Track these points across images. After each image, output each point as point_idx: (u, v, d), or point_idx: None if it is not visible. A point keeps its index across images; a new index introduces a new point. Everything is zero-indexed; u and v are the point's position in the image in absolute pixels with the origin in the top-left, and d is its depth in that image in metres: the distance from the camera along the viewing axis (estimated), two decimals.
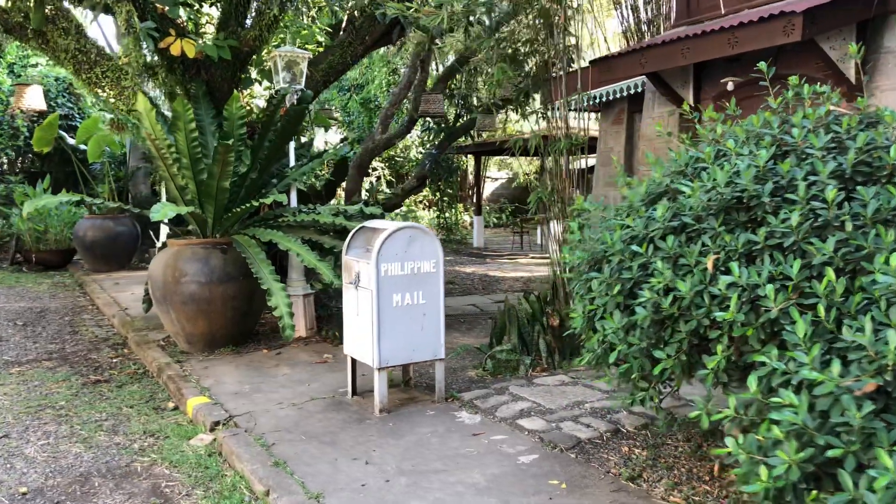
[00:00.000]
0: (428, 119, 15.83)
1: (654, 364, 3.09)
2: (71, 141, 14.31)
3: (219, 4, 7.93)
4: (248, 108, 7.07)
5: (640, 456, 4.17)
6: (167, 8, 7.15)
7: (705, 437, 4.30)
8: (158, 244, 14.13)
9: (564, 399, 5.21)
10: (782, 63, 5.65)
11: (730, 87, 5.52)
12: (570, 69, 6.26)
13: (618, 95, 8.06)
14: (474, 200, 21.32)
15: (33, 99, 11.42)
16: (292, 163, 7.67)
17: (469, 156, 19.57)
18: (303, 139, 10.32)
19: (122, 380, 6.51)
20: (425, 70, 13.87)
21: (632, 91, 7.44)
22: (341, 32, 8.49)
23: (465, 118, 15.91)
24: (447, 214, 19.67)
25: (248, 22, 7.71)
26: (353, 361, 5.46)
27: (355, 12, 7.96)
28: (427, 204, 21.45)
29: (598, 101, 8.20)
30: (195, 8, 8.02)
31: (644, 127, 6.75)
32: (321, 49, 8.60)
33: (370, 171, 19.78)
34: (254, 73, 8.62)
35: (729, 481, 3.75)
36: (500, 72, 5.84)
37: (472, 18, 5.71)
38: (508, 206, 22.96)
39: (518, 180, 23.53)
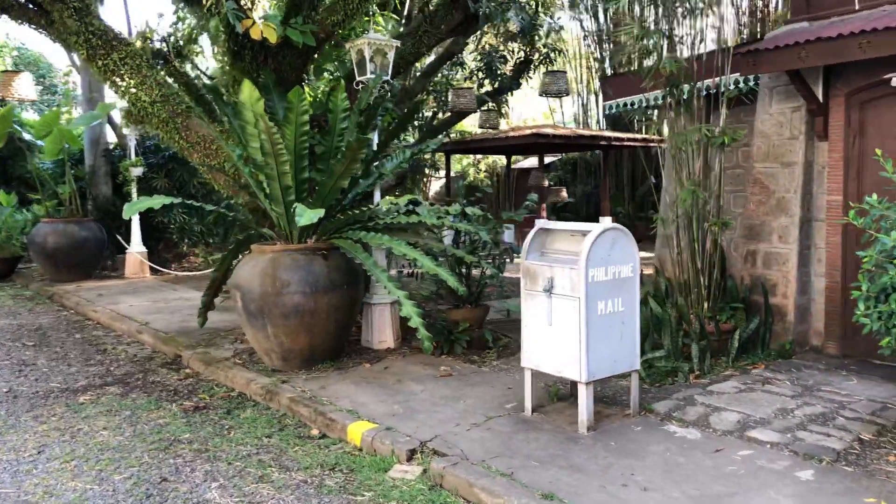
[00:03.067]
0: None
1: None
2: (27, 136, 12.85)
3: None
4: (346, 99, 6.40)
5: None
6: None
7: None
8: (129, 249, 12.96)
9: (764, 407, 4.98)
10: None
11: (894, 83, 5.45)
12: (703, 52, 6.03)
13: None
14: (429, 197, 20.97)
15: (23, 87, 10.09)
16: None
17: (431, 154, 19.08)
18: None
19: (221, 405, 5.77)
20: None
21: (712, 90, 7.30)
22: (405, 19, 7.92)
23: (442, 116, 15.49)
24: None
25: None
26: (531, 375, 5.02)
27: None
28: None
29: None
30: None
31: (760, 123, 6.61)
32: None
33: None
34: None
35: None
36: (671, 63, 5.54)
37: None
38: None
39: (468, 178, 23.24)
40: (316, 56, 7.43)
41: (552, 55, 14.83)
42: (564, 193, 15.31)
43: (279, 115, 6.73)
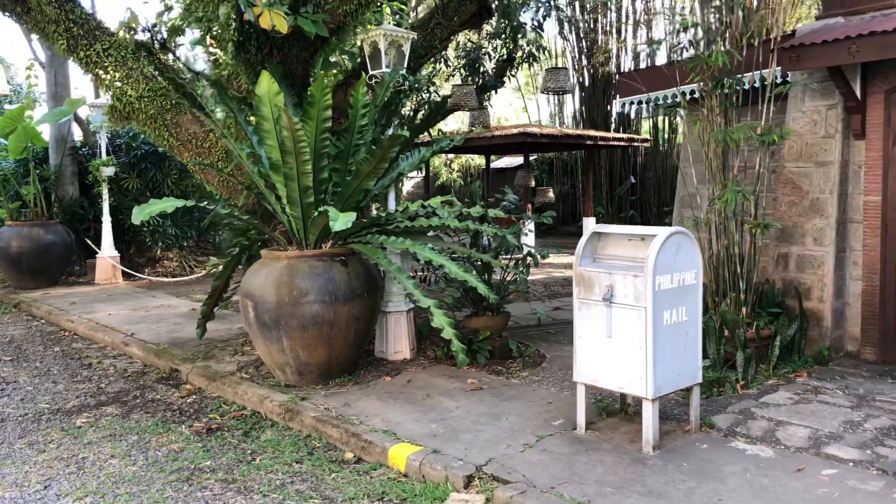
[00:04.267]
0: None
1: None
2: None
3: None
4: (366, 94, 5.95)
5: None
6: None
7: None
8: (100, 254, 12.26)
9: (828, 419, 4.72)
10: None
11: None
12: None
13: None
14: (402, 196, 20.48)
15: None
16: None
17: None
18: None
19: (236, 426, 5.30)
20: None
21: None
22: (412, 10, 7.50)
23: (424, 113, 15.07)
24: None
25: None
26: (584, 390, 4.68)
27: None
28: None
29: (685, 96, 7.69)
30: None
31: (793, 121, 6.38)
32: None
33: None
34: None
35: None
36: (721, 56, 5.25)
37: None
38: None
39: (441, 179, 22.88)
40: (326, 48, 6.96)
41: (536, 53, 14.57)
42: (551, 194, 15.03)
43: (289, 110, 6.26)
